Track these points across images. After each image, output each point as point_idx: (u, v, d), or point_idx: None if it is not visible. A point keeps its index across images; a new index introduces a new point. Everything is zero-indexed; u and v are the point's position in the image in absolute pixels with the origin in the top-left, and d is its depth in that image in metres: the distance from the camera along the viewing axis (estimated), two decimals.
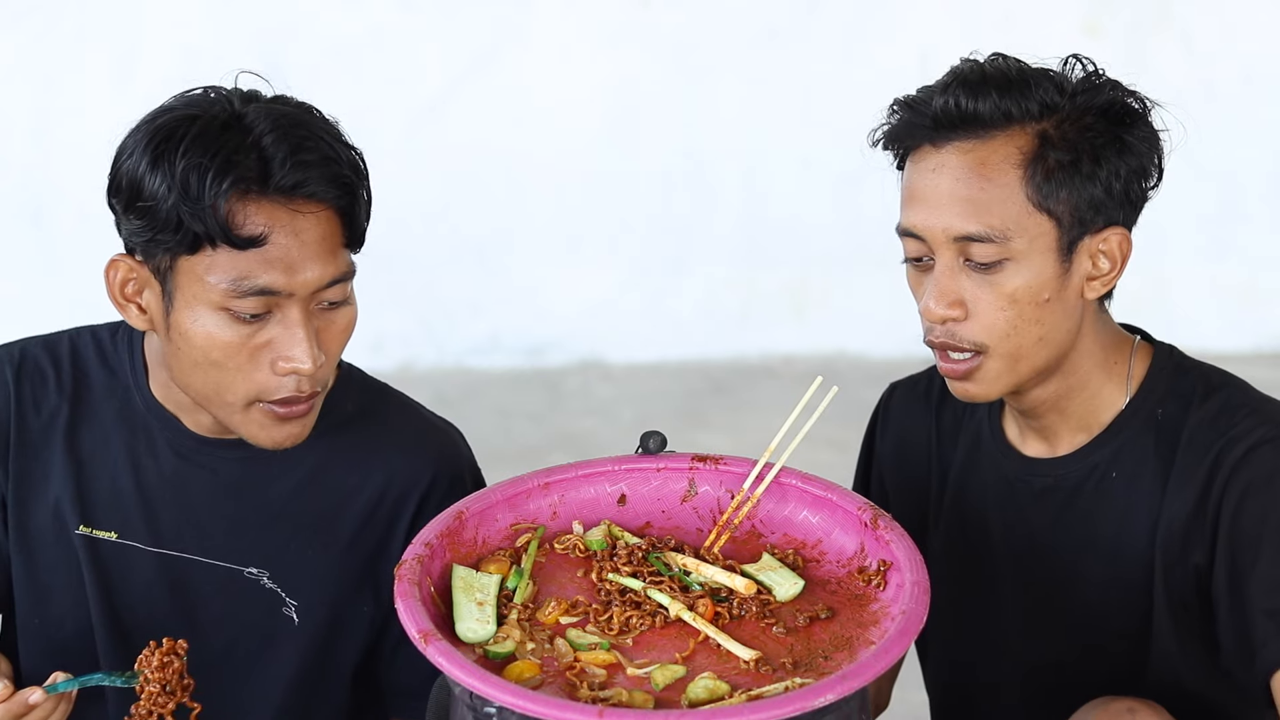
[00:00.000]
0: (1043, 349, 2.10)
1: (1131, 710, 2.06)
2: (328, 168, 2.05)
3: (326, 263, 2.06)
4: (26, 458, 2.22)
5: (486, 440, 2.61)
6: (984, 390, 2.11)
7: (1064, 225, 2.08)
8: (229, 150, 2.02)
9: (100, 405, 2.23)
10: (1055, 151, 2.06)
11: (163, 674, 2.03)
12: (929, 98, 2.09)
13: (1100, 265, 2.11)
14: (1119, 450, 2.16)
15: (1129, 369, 2.18)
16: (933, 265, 2.10)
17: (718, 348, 5.92)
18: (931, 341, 2.11)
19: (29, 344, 2.27)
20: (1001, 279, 2.07)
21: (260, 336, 2.06)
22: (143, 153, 2.04)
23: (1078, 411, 2.18)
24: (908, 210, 2.11)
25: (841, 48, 5.74)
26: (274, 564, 2.22)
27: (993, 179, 2.06)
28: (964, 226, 2.06)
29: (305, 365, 2.05)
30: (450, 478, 2.25)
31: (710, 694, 1.88)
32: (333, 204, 2.06)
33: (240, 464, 2.21)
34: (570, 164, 5.82)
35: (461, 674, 1.84)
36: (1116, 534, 2.16)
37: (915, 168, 2.11)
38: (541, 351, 5.92)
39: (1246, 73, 5.82)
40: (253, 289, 2.03)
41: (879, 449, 2.40)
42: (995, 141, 2.07)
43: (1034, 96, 2.07)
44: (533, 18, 5.75)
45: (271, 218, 2.03)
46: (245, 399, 2.09)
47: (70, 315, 2.39)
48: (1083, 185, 2.07)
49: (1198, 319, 5.88)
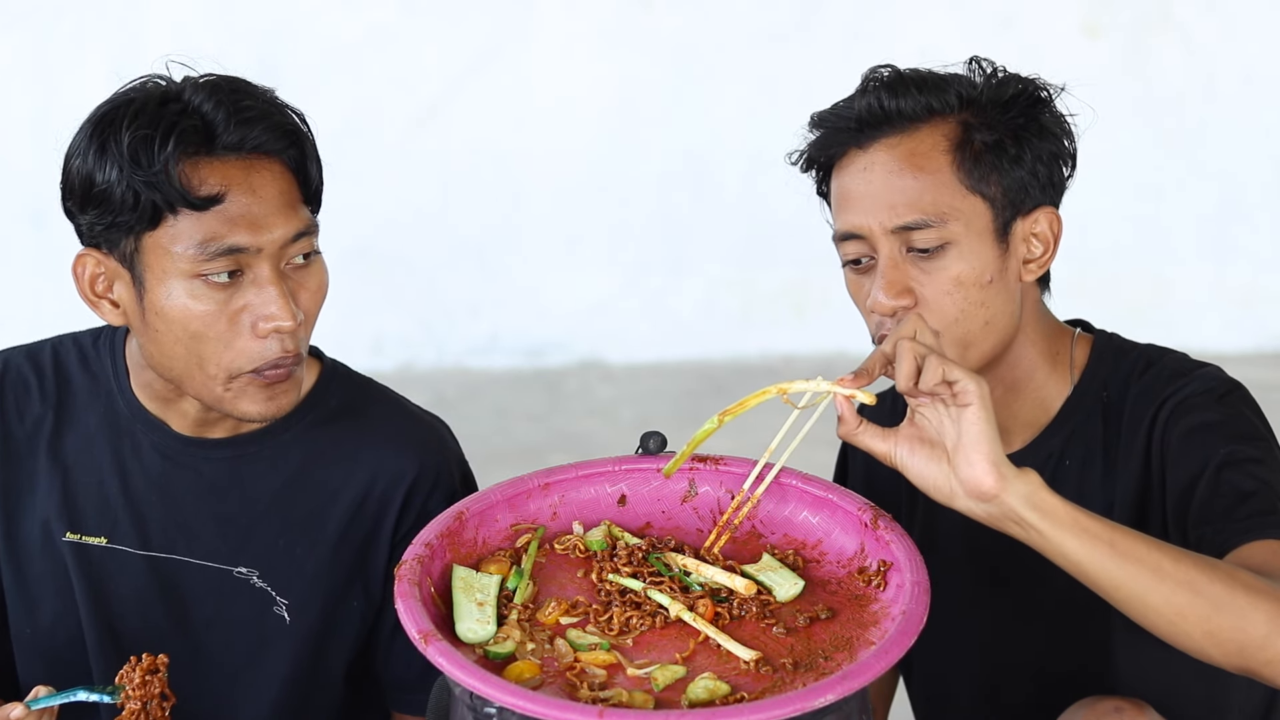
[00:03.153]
0: (990, 334, 2.14)
1: (1118, 710, 2.06)
2: (270, 120, 2.07)
3: (289, 217, 2.07)
4: (12, 468, 2.22)
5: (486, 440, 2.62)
6: None
7: (997, 207, 2.12)
8: (172, 116, 2.04)
9: (84, 411, 2.22)
10: (980, 134, 2.12)
11: (143, 691, 2.03)
12: (850, 104, 2.16)
13: (1034, 248, 2.16)
14: (1069, 437, 2.19)
15: (1071, 358, 2.21)
16: (874, 265, 2.14)
17: (718, 348, 5.93)
18: (883, 336, 2.13)
19: (11, 354, 2.27)
20: (945, 264, 2.11)
21: (236, 302, 2.06)
22: (88, 145, 2.06)
23: (1027, 406, 2.21)
24: (844, 213, 2.16)
25: (841, 48, 5.75)
26: (263, 563, 2.21)
27: (924, 167, 2.11)
28: (902, 217, 2.11)
29: (286, 322, 2.06)
30: (436, 471, 2.25)
31: (710, 694, 1.88)
32: (282, 157, 2.08)
33: (226, 464, 2.21)
34: (570, 164, 5.83)
35: (461, 674, 1.84)
36: None
37: (844, 172, 2.16)
38: (541, 351, 5.92)
39: (1246, 73, 5.82)
40: (220, 250, 2.04)
41: (852, 464, 2.43)
42: (921, 133, 2.13)
43: (950, 90, 2.13)
44: (533, 18, 5.76)
45: (225, 176, 2.05)
46: (229, 371, 2.08)
47: (70, 316, 2.39)
48: (1010, 167, 2.12)
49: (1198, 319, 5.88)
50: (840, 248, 2.18)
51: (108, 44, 5.55)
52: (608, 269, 5.93)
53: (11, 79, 5.61)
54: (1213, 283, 5.98)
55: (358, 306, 5.51)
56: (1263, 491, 2.02)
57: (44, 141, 5.95)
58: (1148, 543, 1.85)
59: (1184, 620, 1.84)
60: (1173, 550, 1.85)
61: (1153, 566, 1.83)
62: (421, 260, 5.85)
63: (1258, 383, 2.22)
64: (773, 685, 1.90)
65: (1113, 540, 1.83)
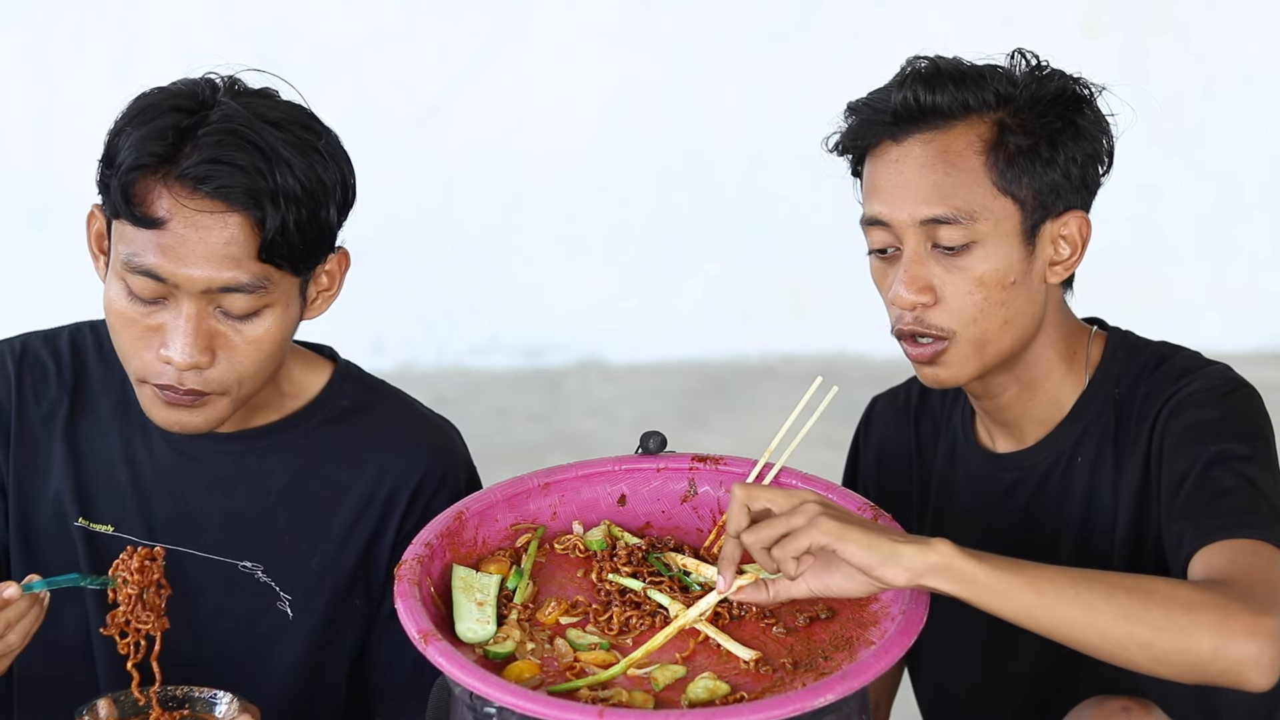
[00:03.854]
0: (1008, 333, 2.13)
1: (1126, 709, 2.06)
2: (245, 175, 2.01)
3: (223, 266, 2.03)
4: (27, 449, 2.22)
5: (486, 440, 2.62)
6: (952, 374, 2.14)
7: (1027, 209, 2.11)
8: (162, 127, 2.03)
9: (98, 399, 2.23)
10: (1014, 137, 2.10)
11: (141, 578, 2.03)
12: (886, 95, 2.14)
13: (1061, 250, 2.15)
14: (1081, 434, 2.19)
15: (1087, 356, 2.21)
16: (898, 255, 2.13)
17: (718, 348, 5.93)
18: (901, 330, 2.14)
19: (30, 338, 2.28)
20: (969, 263, 2.10)
21: (154, 318, 2.06)
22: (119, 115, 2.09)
23: (1041, 404, 2.20)
24: (872, 201, 2.15)
25: (841, 48, 5.75)
26: (269, 558, 2.22)
27: (956, 164, 2.10)
28: (930, 210, 2.10)
29: (177, 358, 2.04)
30: (443, 472, 2.25)
31: (710, 694, 1.88)
32: (245, 210, 2.03)
33: (234, 457, 2.21)
34: (570, 164, 5.83)
35: (461, 674, 1.84)
36: (1083, 518, 2.19)
37: (877, 162, 2.15)
38: (541, 351, 5.92)
39: (1246, 73, 5.82)
40: (139, 268, 2.04)
41: (862, 462, 2.43)
42: (955, 130, 2.11)
43: (988, 87, 2.12)
44: (533, 18, 5.76)
45: (173, 205, 2.02)
46: (135, 374, 2.10)
47: (69, 315, 2.39)
48: (1043, 170, 2.11)
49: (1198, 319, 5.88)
50: (867, 233, 2.17)
51: (108, 44, 5.55)
52: (608, 269, 5.93)
53: (11, 79, 5.61)
54: (1211, 282, 5.97)
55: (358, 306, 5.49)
56: (1243, 489, 2.01)
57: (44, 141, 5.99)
58: (1076, 581, 1.86)
59: (1126, 650, 1.85)
60: (1105, 582, 1.86)
61: (1084, 605, 1.85)
62: (422, 260, 5.85)
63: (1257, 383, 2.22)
64: (773, 685, 1.90)
65: (1039, 589, 1.85)
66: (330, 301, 2.19)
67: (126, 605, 2.04)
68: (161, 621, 2.06)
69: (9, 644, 1.97)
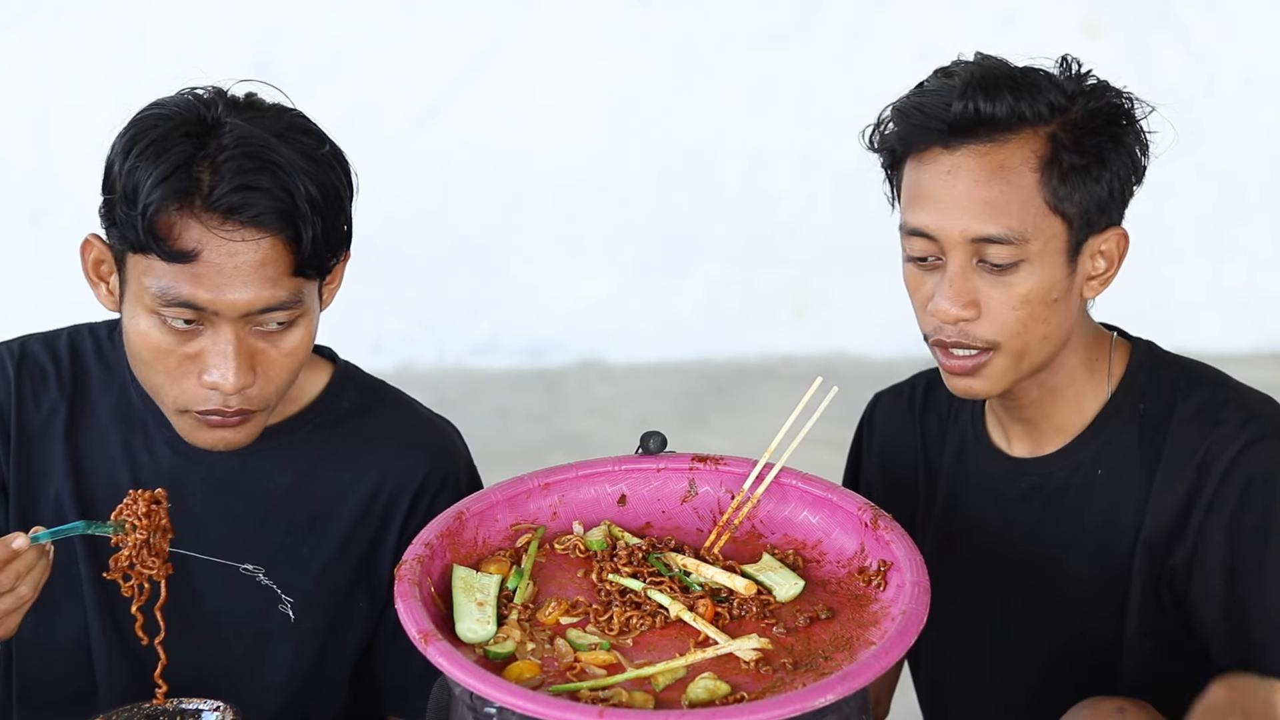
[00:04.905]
0: (1046, 346, 2.12)
1: (1121, 710, 2.06)
2: (276, 199, 2.01)
3: (261, 288, 2.03)
4: (27, 452, 2.22)
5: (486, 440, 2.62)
6: (988, 386, 2.12)
7: (1073, 226, 2.09)
8: (177, 160, 2.00)
9: (98, 402, 2.23)
10: (1069, 155, 2.07)
11: (148, 522, 2.03)
12: (944, 102, 2.08)
13: (1098, 265, 2.14)
14: (1103, 447, 2.18)
15: (1109, 365, 2.19)
16: (939, 265, 2.10)
17: (718, 348, 5.93)
18: (941, 340, 2.11)
19: (29, 340, 2.27)
20: (1015, 280, 2.08)
21: (191, 346, 2.05)
22: (119, 141, 2.06)
23: (1062, 410, 2.19)
24: (918, 210, 2.10)
25: (842, 48, 5.75)
26: (270, 560, 2.22)
27: (1012, 182, 2.07)
28: (983, 228, 2.06)
29: (226, 383, 2.04)
30: (444, 473, 2.25)
31: (710, 694, 1.88)
32: (277, 232, 2.03)
33: (235, 459, 2.21)
34: (570, 164, 5.83)
35: (461, 674, 1.84)
36: (1102, 531, 2.18)
37: (926, 169, 2.10)
38: (541, 351, 5.92)
39: (1246, 73, 5.82)
40: (177, 300, 2.02)
41: (865, 460, 2.42)
42: (1011, 145, 2.07)
43: (1042, 98, 2.08)
44: (533, 18, 5.75)
45: (204, 236, 2.01)
46: (174, 405, 2.09)
47: (69, 315, 2.39)
48: (1092, 187, 2.09)
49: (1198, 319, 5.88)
50: (906, 241, 2.13)
51: (108, 44, 5.55)
52: (608, 269, 5.93)
53: (11, 79, 5.61)
54: (1212, 282, 5.97)
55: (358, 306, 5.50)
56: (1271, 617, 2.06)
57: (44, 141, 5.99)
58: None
59: None
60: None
61: None
62: (421, 260, 5.84)
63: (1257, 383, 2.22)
64: (773, 685, 1.90)
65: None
66: (334, 295, 2.20)
67: (133, 550, 2.03)
68: (166, 567, 2.05)
69: (20, 596, 1.96)
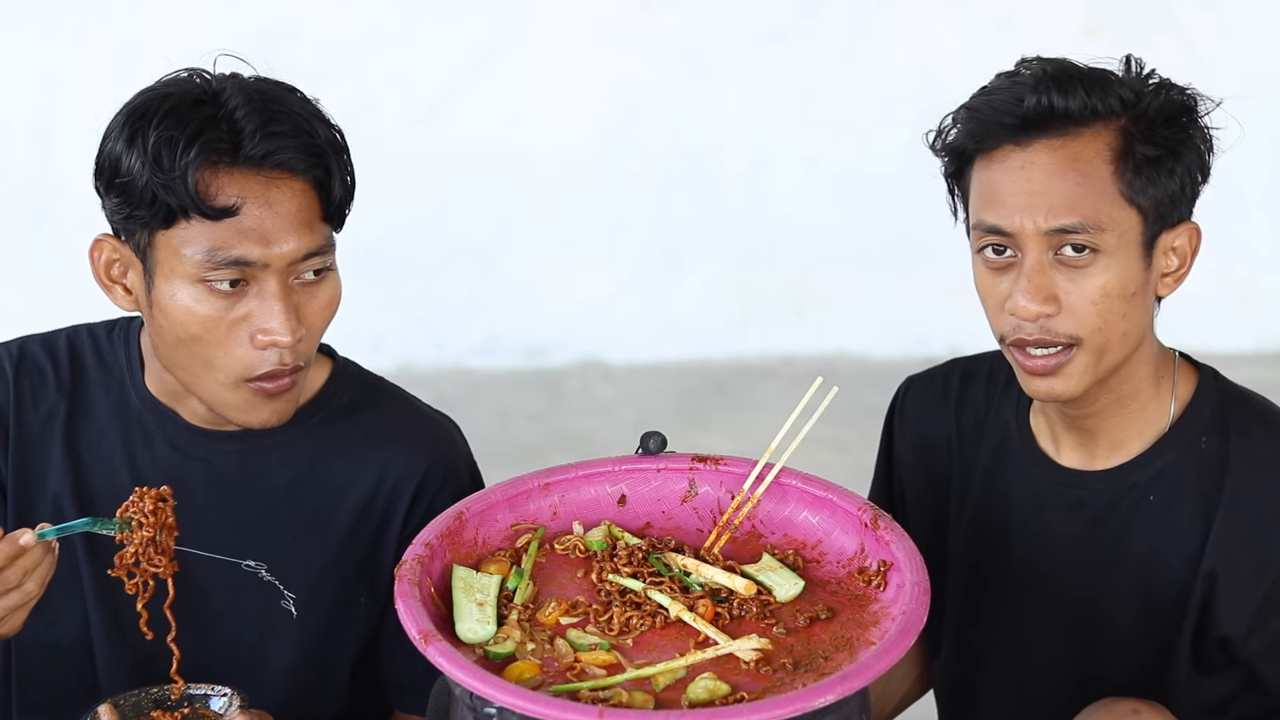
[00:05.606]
0: (1125, 345, 2.11)
1: (1136, 711, 2.06)
2: (299, 138, 2.06)
3: (302, 234, 2.07)
4: (25, 452, 2.23)
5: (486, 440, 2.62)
6: (1070, 386, 2.11)
7: (1148, 220, 2.09)
8: (200, 122, 2.04)
9: (96, 402, 2.24)
10: (1142, 146, 2.07)
11: (155, 520, 2.03)
12: (1016, 98, 2.08)
13: (1171, 262, 2.14)
14: (1160, 474, 2.16)
15: (1174, 386, 2.18)
16: (1014, 263, 2.09)
17: (718, 348, 5.92)
18: (1023, 339, 2.09)
19: (28, 341, 2.28)
20: (1093, 274, 2.07)
21: (238, 310, 2.07)
22: (120, 131, 2.07)
23: (1123, 424, 2.18)
24: (994, 208, 2.09)
25: (842, 48, 5.75)
26: (272, 557, 2.22)
27: (1087, 173, 2.07)
28: (1060, 220, 2.06)
29: (284, 338, 2.06)
30: (445, 469, 2.26)
31: (710, 694, 1.88)
32: (306, 175, 2.07)
33: (236, 456, 2.22)
34: (570, 164, 5.83)
35: (462, 674, 1.84)
36: (1147, 558, 2.16)
37: (999, 167, 2.09)
38: (541, 351, 5.92)
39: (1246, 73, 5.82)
40: (227, 260, 2.04)
41: (897, 446, 2.40)
42: (1083, 138, 2.08)
43: (1113, 93, 2.08)
44: (533, 17, 5.75)
45: (244, 188, 2.05)
46: (231, 376, 2.09)
47: (70, 315, 2.39)
48: (1166, 180, 2.09)
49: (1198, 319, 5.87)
50: (978, 239, 2.12)
51: (108, 44, 5.55)
52: (607, 268, 5.93)
53: (11, 79, 5.61)
54: (1212, 282, 5.97)
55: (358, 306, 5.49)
56: None
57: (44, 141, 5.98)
58: None
59: None
60: None
61: None
62: (421, 260, 5.85)
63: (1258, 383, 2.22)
64: (773, 685, 1.90)
65: None
66: None
67: (139, 547, 2.03)
68: (172, 565, 2.05)
69: (27, 592, 1.96)
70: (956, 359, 2.38)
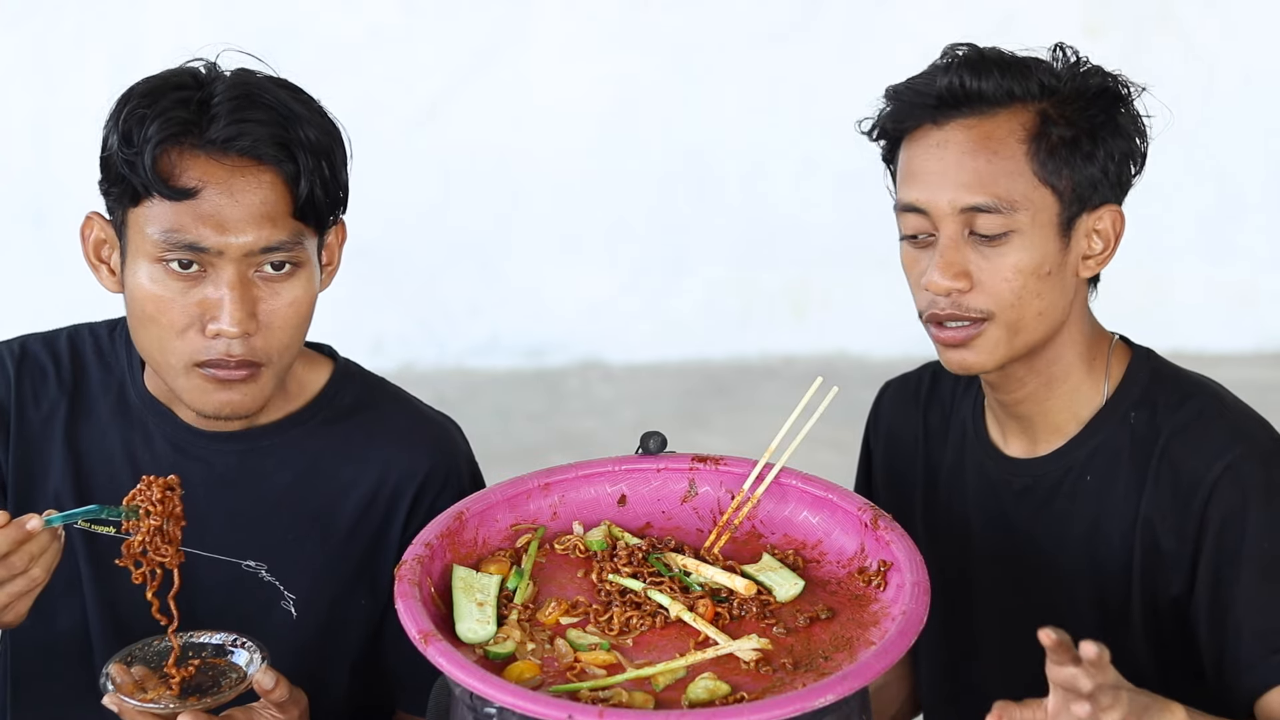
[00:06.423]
0: (1041, 324, 2.13)
1: None
2: (270, 128, 2.05)
3: (262, 227, 2.06)
4: (26, 450, 2.23)
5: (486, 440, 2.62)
6: (980, 360, 2.13)
7: (1064, 201, 2.11)
8: (171, 102, 2.05)
9: (97, 401, 2.24)
10: (1057, 128, 2.09)
11: (163, 509, 2.02)
12: (930, 79, 2.13)
13: (1094, 245, 2.15)
14: (1094, 452, 2.18)
15: (1107, 366, 2.20)
16: (932, 241, 2.12)
17: (718, 348, 5.93)
18: (936, 314, 2.12)
19: (29, 340, 2.28)
20: (1005, 252, 2.09)
21: (193, 295, 2.07)
22: (113, 111, 2.09)
23: (1057, 408, 2.20)
24: (910, 186, 2.13)
25: (842, 48, 5.75)
26: (272, 557, 2.22)
27: (999, 152, 2.09)
28: (971, 198, 2.09)
29: (230, 329, 2.05)
30: (446, 470, 2.25)
31: (710, 694, 1.88)
32: (275, 167, 2.06)
33: (236, 456, 2.22)
34: (570, 164, 5.83)
35: (462, 674, 1.84)
36: (1089, 536, 2.18)
37: (917, 145, 2.13)
38: (541, 352, 5.92)
39: (1246, 73, 5.82)
40: (180, 243, 2.05)
41: (875, 450, 2.43)
42: (999, 118, 2.10)
43: (1033, 77, 2.11)
44: (533, 18, 5.76)
45: (206, 172, 2.05)
46: (181, 360, 2.09)
47: (70, 315, 2.39)
48: (1083, 163, 2.11)
49: (1198, 319, 5.88)
50: (901, 219, 2.15)
51: (108, 44, 5.55)
52: (608, 269, 5.93)
53: (11, 79, 5.61)
54: (1211, 282, 5.97)
55: (358, 306, 5.51)
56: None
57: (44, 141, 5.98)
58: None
59: None
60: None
61: None
62: (421, 260, 5.85)
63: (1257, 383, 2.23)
64: (773, 685, 1.90)
65: None
66: (332, 277, 2.22)
67: (146, 535, 2.02)
68: (179, 555, 2.04)
69: (34, 578, 1.95)
70: (932, 361, 2.39)
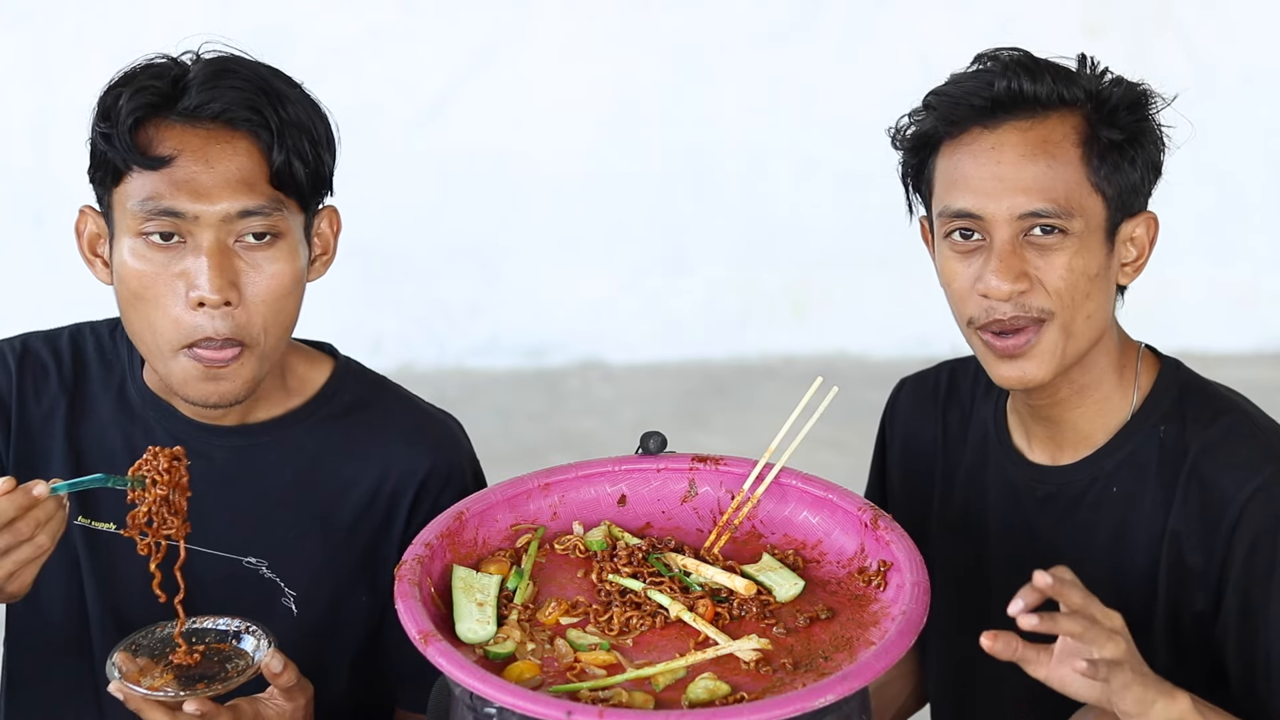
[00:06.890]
0: (1089, 328, 2.12)
1: None
2: (240, 94, 2.08)
3: (238, 192, 2.07)
4: (27, 445, 2.23)
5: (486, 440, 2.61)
6: (1039, 370, 2.11)
7: (1111, 207, 2.11)
8: (148, 77, 2.09)
9: (98, 398, 2.24)
10: (1107, 131, 2.09)
11: (169, 479, 2.02)
12: (986, 82, 2.10)
13: (1130, 251, 2.15)
14: (1121, 464, 2.17)
15: (1136, 377, 2.19)
16: (981, 246, 2.10)
17: (718, 348, 5.93)
18: (999, 320, 2.10)
19: (31, 338, 2.29)
20: (1059, 257, 2.08)
21: (175, 267, 2.08)
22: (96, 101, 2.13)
23: (1087, 416, 2.18)
24: (961, 192, 2.10)
25: (842, 48, 5.75)
26: (273, 554, 2.22)
27: (1057, 156, 2.08)
28: (1031, 203, 2.07)
29: (210, 295, 2.06)
30: (448, 468, 2.26)
31: (710, 694, 1.88)
32: (248, 133, 2.08)
33: (236, 452, 2.22)
34: (570, 164, 5.83)
35: (461, 674, 1.84)
36: (1112, 548, 2.17)
37: (965, 150, 2.11)
38: (541, 352, 5.92)
39: (1246, 73, 5.82)
40: (158, 210, 2.06)
41: (889, 446, 2.41)
42: (1051, 121, 2.09)
43: (1077, 82, 2.11)
44: (533, 18, 5.76)
45: (181, 141, 2.07)
46: (169, 342, 2.09)
47: (70, 314, 2.40)
48: (1128, 169, 2.11)
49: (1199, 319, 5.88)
50: (945, 225, 2.12)
51: (108, 44, 5.55)
52: (607, 269, 5.93)
53: (11, 79, 5.61)
54: (1212, 283, 5.97)
55: (358, 306, 5.51)
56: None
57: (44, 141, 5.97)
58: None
59: None
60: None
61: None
62: (421, 260, 5.85)
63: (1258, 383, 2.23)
64: (773, 685, 1.90)
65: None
66: (327, 266, 2.22)
67: (152, 504, 2.02)
68: (185, 526, 2.04)
69: (39, 545, 1.94)
70: (948, 360, 2.39)
